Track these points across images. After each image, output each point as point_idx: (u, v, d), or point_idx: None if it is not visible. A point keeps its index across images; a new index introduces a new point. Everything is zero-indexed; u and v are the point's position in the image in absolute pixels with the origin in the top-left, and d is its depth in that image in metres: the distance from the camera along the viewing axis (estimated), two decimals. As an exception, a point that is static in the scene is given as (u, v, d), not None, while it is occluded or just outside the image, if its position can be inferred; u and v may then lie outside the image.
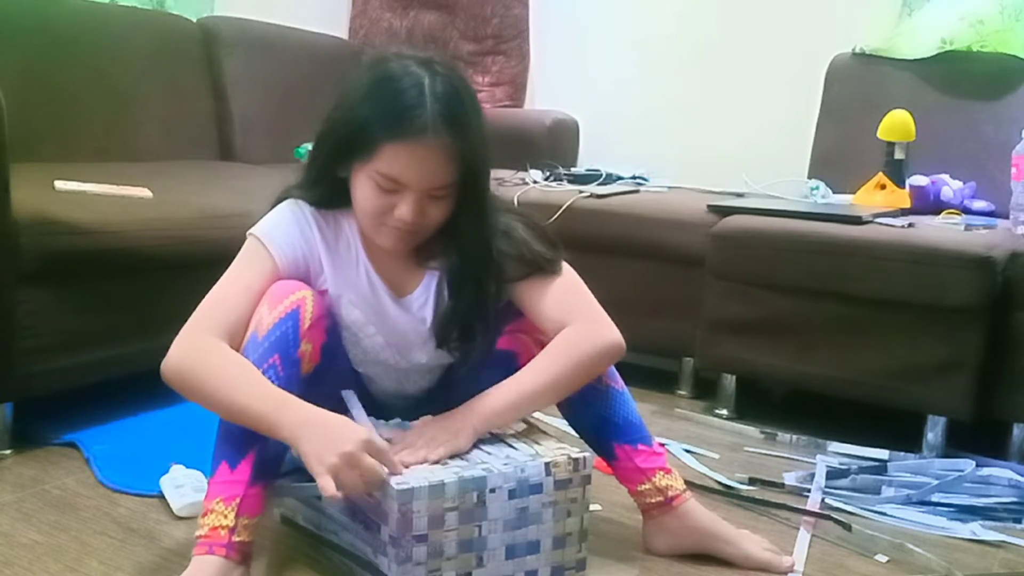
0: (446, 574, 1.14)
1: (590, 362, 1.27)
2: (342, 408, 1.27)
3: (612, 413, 1.34)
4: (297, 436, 1.10)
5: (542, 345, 1.28)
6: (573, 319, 1.27)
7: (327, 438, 1.09)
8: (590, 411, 1.34)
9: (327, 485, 1.06)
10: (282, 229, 1.27)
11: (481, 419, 1.24)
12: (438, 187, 1.20)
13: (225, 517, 1.13)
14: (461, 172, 1.20)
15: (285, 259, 1.25)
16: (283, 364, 1.18)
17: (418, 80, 1.17)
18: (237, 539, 1.13)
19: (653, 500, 1.34)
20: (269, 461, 1.19)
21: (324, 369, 1.27)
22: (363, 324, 1.31)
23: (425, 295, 1.32)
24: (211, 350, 1.16)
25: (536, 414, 1.56)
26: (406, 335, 1.33)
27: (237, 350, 1.18)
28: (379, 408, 1.35)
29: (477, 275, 1.27)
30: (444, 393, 1.38)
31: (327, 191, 1.28)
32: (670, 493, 1.34)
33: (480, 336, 1.29)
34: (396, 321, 1.32)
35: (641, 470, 1.34)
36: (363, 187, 1.21)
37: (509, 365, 1.30)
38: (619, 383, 1.36)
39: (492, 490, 1.15)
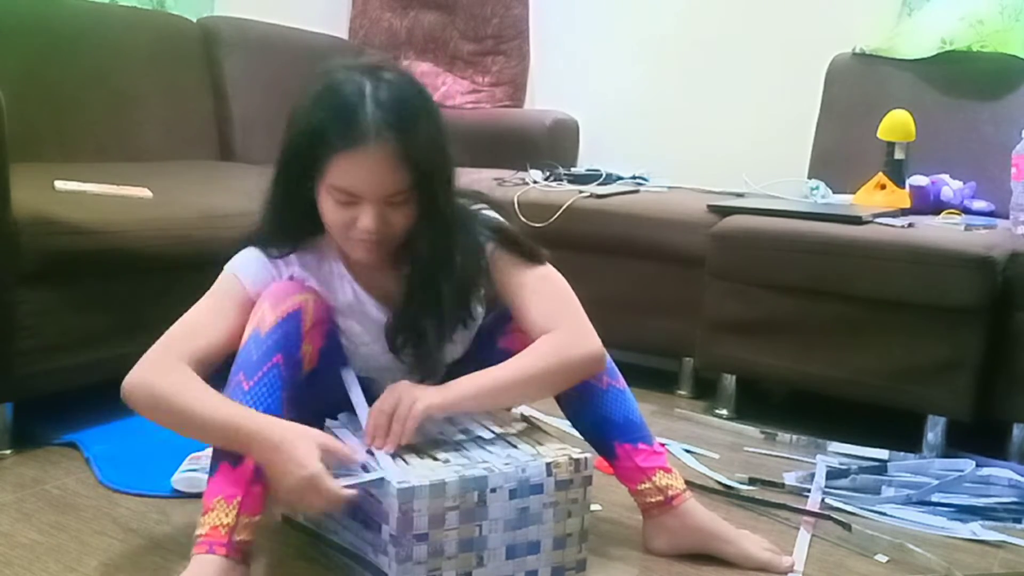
0: (446, 573, 1.14)
1: (570, 369, 1.28)
2: (339, 405, 1.27)
3: (613, 412, 1.34)
4: (262, 460, 1.12)
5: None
6: (559, 324, 1.27)
7: (280, 463, 1.09)
8: (591, 409, 1.34)
9: (290, 503, 1.08)
10: (253, 264, 1.28)
11: (442, 401, 1.21)
12: (392, 194, 1.18)
13: (226, 516, 1.13)
14: (414, 176, 1.18)
15: (256, 290, 1.25)
16: (286, 364, 1.19)
17: (359, 87, 1.17)
18: (238, 538, 1.13)
19: (653, 499, 1.34)
20: None
21: (323, 371, 1.27)
22: (359, 333, 1.32)
23: None
24: (168, 379, 1.17)
25: (538, 414, 1.57)
26: None
27: (204, 377, 1.19)
28: None
29: (433, 279, 1.25)
30: None
31: (296, 218, 1.26)
32: (670, 492, 1.34)
33: (432, 341, 1.27)
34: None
35: (641, 469, 1.34)
36: (325, 203, 1.21)
37: None
38: (621, 382, 1.36)
39: (493, 490, 1.15)
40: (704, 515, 1.36)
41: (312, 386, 1.25)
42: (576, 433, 1.40)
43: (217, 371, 1.22)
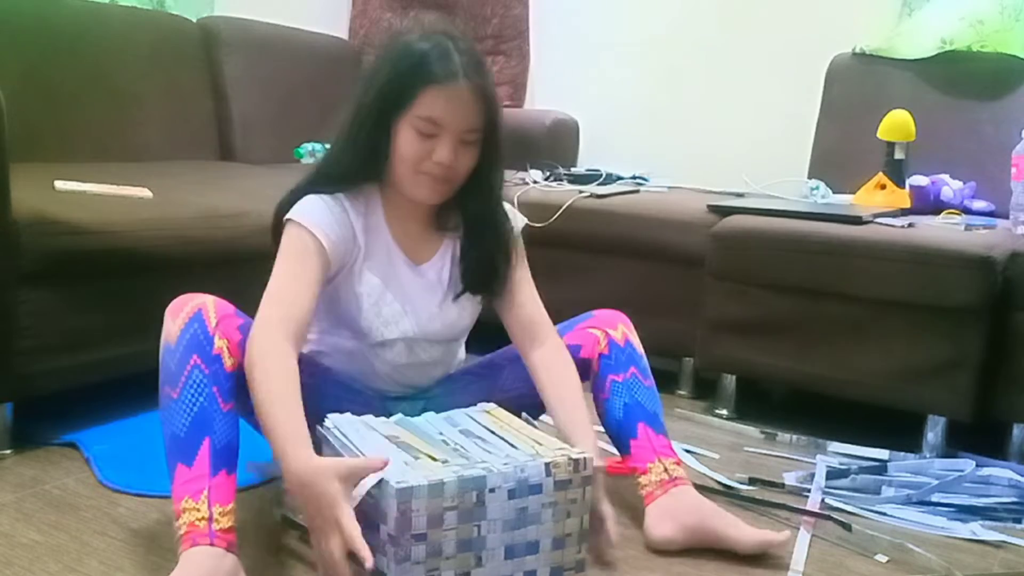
0: (444, 573, 1.14)
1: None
2: (311, 422, 1.26)
3: (647, 403, 1.47)
4: (293, 490, 1.13)
5: (610, 338, 1.48)
6: (547, 323, 1.44)
7: (308, 499, 1.10)
8: (631, 394, 1.46)
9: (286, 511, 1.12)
10: (320, 212, 1.32)
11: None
12: (470, 129, 1.31)
13: (198, 511, 1.14)
14: (486, 119, 1.32)
15: (329, 241, 1.30)
16: (204, 362, 1.20)
17: (441, 40, 1.32)
18: (217, 527, 1.14)
19: (657, 478, 1.40)
20: (223, 449, 1.19)
21: (319, 383, 1.29)
22: (382, 290, 1.37)
23: (441, 262, 1.43)
24: (270, 360, 1.18)
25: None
26: (422, 301, 1.40)
27: (302, 343, 1.26)
28: (382, 406, 1.38)
29: (495, 219, 1.40)
30: (448, 391, 1.47)
31: (359, 160, 1.34)
32: (674, 474, 1.41)
33: (500, 261, 1.41)
34: (411, 287, 1.40)
35: (655, 451, 1.43)
36: (404, 136, 1.30)
37: (572, 357, 1.43)
38: (657, 391, 1.50)
39: (492, 490, 1.15)
40: (703, 498, 1.41)
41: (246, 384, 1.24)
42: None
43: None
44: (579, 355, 1.47)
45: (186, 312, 1.23)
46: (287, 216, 1.32)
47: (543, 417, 1.54)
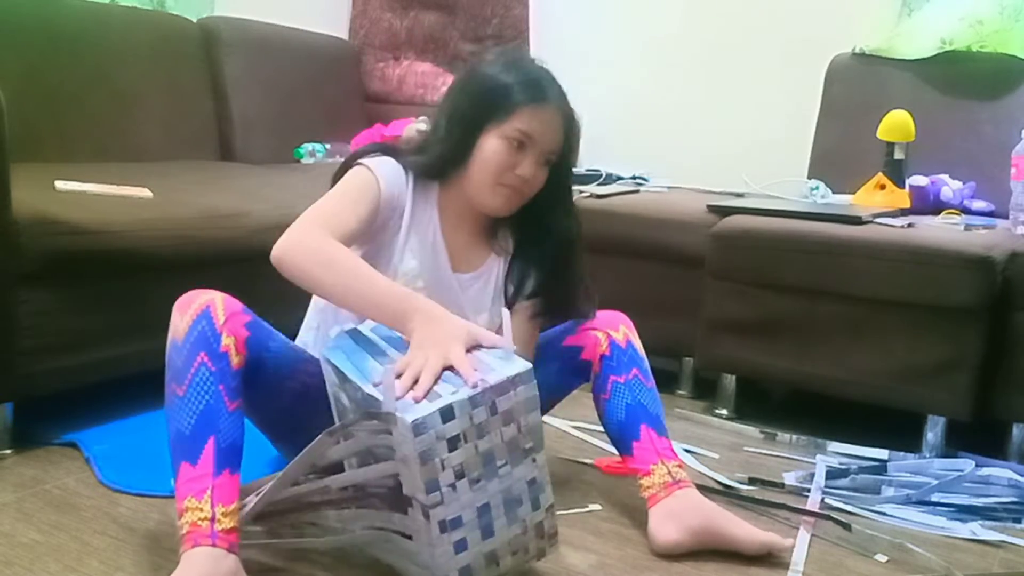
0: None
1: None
2: (318, 420, 1.26)
3: (650, 405, 1.47)
4: (411, 327, 1.19)
5: (612, 339, 1.48)
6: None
7: (440, 328, 1.18)
8: (634, 395, 1.46)
9: (400, 366, 1.14)
10: (390, 168, 1.39)
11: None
12: (553, 151, 1.41)
13: (201, 510, 1.14)
14: (566, 146, 1.43)
15: (388, 191, 1.36)
16: (211, 359, 1.20)
17: (545, 69, 1.45)
18: (220, 528, 1.13)
19: (660, 480, 1.39)
20: (228, 448, 1.18)
21: (256, 365, 1.27)
22: (416, 275, 1.41)
23: (485, 278, 1.48)
24: (327, 242, 1.24)
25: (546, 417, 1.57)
26: (448, 303, 1.36)
27: None
28: None
29: (544, 236, 1.47)
30: None
31: (440, 156, 1.41)
32: (678, 477, 1.40)
33: (537, 283, 1.48)
34: (444, 287, 1.43)
35: (658, 452, 1.42)
36: (494, 145, 1.38)
37: (573, 358, 1.47)
38: (658, 393, 1.50)
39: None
40: (707, 500, 1.41)
41: (251, 380, 1.26)
42: (575, 433, 1.40)
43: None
44: (580, 356, 1.48)
45: (194, 308, 1.22)
46: (358, 160, 1.38)
47: (549, 419, 1.55)
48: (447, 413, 1.08)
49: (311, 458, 1.20)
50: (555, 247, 1.47)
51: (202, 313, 1.22)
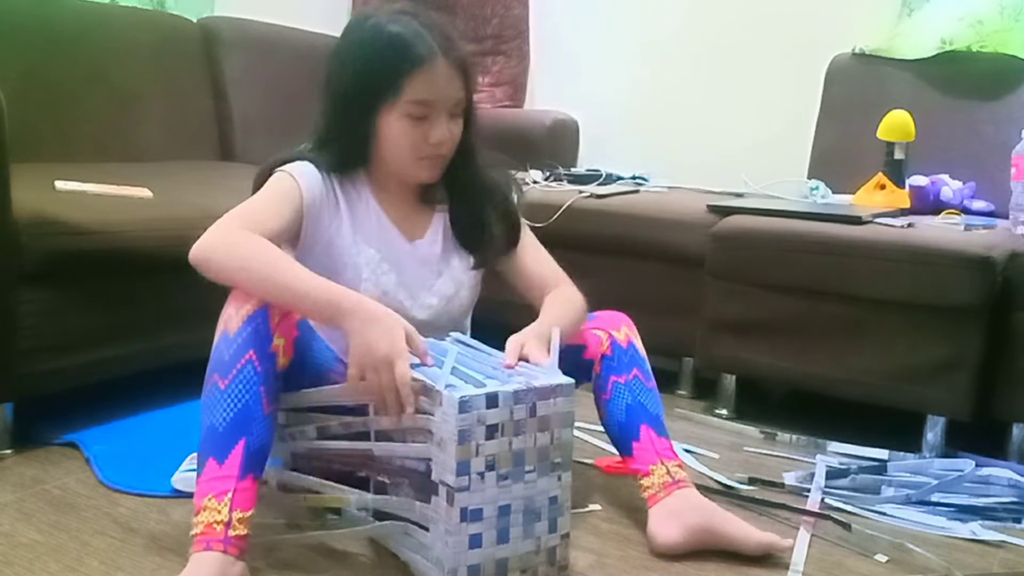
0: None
1: (584, 316, 1.47)
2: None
3: (650, 405, 1.46)
4: (353, 322, 1.18)
5: (613, 339, 1.47)
6: (558, 279, 1.49)
7: (376, 334, 1.17)
8: (633, 397, 1.45)
9: (352, 374, 1.18)
10: (309, 171, 1.36)
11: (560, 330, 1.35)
12: (457, 102, 1.36)
13: (219, 512, 1.14)
14: (466, 87, 1.36)
15: (311, 194, 1.35)
16: (259, 359, 1.20)
17: (408, 22, 1.33)
18: (233, 533, 1.14)
19: (660, 480, 1.38)
20: (256, 453, 1.19)
21: (300, 364, 1.28)
22: (378, 261, 1.40)
23: (434, 236, 1.47)
24: (251, 237, 1.24)
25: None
26: (417, 274, 1.43)
27: None
28: None
29: (477, 178, 1.46)
30: None
31: (344, 151, 1.39)
32: (677, 476, 1.39)
33: (489, 223, 1.46)
34: (407, 260, 1.43)
35: (658, 452, 1.42)
36: (397, 126, 1.34)
37: (576, 357, 1.43)
38: (659, 393, 1.49)
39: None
40: (707, 500, 1.41)
41: (292, 379, 1.28)
42: (575, 433, 1.40)
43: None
44: (583, 356, 1.47)
45: (252, 304, 1.22)
46: (276, 168, 1.37)
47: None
48: (492, 399, 1.14)
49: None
50: (466, 196, 1.47)
51: (260, 310, 1.22)
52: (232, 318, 1.22)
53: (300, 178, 1.35)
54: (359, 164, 1.41)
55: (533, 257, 1.52)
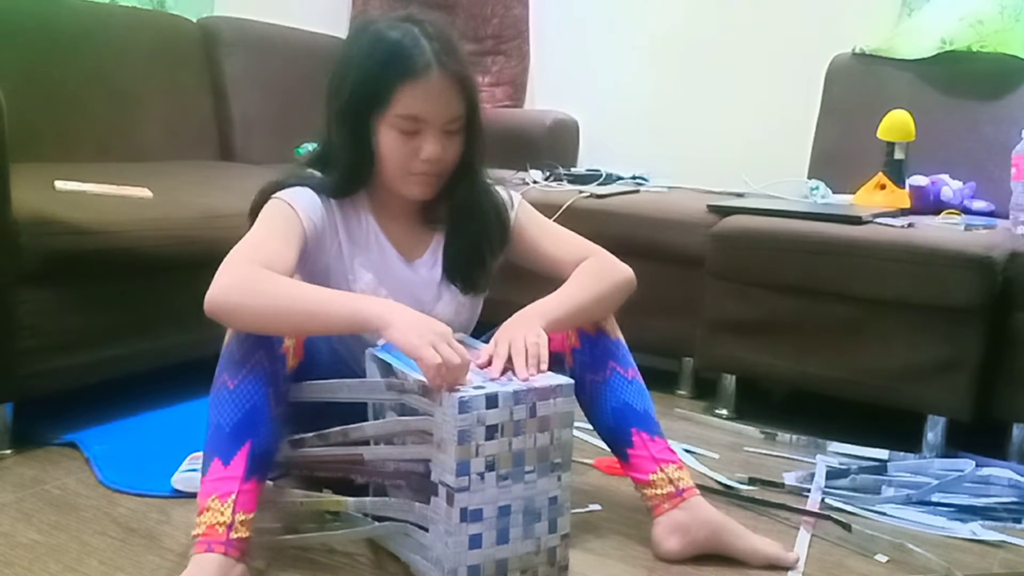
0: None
1: (617, 290, 1.40)
2: (326, 410, 1.28)
3: (635, 402, 1.39)
4: (387, 321, 1.15)
5: (579, 328, 1.38)
6: (590, 253, 1.42)
7: (416, 320, 1.16)
8: (616, 396, 1.38)
9: (428, 355, 1.11)
10: (307, 198, 1.31)
11: (546, 321, 1.30)
12: (452, 119, 1.30)
13: (222, 514, 1.14)
14: (467, 104, 1.31)
15: (310, 222, 1.30)
16: (269, 360, 1.20)
17: (408, 30, 1.29)
18: (235, 536, 1.14)
19: (663, 491, 1.34)
20: (261, 456, 1.19)
21: (308, 367, 1.28)
22: (375, 286, 1.37)
23: (433, 257, 1.42)
24: (264, 274, 1.18)
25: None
26: (416, 296, 1.39)
27: None
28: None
29: (478, 204, 1.39)
30: None
31: (346, 167, 1.34)
32: (681, 485, 1.35)
33: (486, 254, 1.41)
34: (406, 282, 1.39)
35: (655, 459, 1.36)
36: (387, 139, 1.30)
37: (560, 364, 1.37)
38: (641, 379, 1.42)
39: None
40: (713, 510, 1.37)
41: (301, 380, 1.27)
42: (574, 434, 1.40)
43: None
44: (549, 350, 1.33)
45: None
46: (274, 195, 1.31)
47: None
48: (492, 400, 1.14)
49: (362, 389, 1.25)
50: (462, 220, 1.40)
51: None
52: None
53: (297, 205, 1.29)
54: (361, 184, 1.36)
55: (552, 242, 1.46)
